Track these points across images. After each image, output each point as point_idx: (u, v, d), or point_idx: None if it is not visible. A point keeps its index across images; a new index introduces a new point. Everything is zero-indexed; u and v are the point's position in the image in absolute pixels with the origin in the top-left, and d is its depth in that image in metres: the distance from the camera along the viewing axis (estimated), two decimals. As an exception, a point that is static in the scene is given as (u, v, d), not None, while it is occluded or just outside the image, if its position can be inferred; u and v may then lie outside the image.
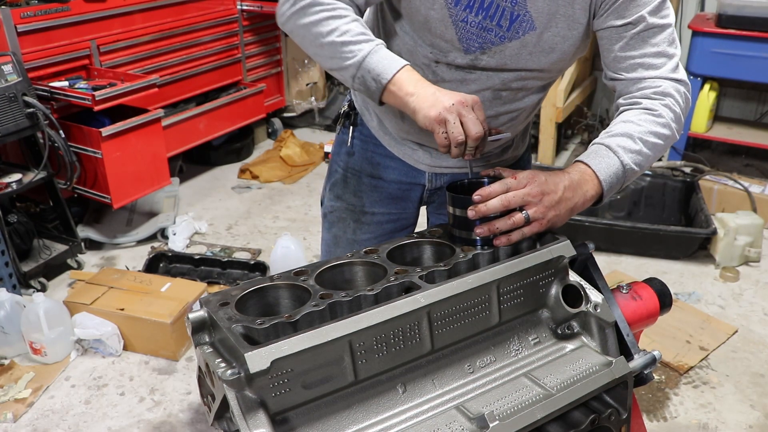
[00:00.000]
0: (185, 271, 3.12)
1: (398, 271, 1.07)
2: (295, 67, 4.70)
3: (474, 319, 1.07)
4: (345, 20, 1.20)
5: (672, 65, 1.27)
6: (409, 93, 1.16)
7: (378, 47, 1.19)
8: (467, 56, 1.29)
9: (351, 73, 1.20)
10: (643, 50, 1.25)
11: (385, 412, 0.98)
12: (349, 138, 1.59)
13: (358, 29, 1.20)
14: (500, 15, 1.23)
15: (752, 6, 3.50)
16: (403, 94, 1.17)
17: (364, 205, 1.60)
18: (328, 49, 1.21)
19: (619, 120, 1.27)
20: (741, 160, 4.24)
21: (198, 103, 4.01)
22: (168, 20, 3.68)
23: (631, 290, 1.23)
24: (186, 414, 2.30)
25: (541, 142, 4.02)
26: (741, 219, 3.14)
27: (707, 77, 3.83)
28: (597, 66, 4.48)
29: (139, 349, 2.59)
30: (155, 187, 3.36)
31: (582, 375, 1.07)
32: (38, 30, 3.01)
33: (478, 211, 1.12)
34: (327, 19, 1.20)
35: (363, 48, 1.18)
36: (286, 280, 1.08)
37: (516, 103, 1.39)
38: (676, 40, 1.28)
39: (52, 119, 2.88)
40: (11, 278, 2.77)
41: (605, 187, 1.21)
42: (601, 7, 1.24)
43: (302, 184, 4.15)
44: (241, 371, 0.87)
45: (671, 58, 1.27)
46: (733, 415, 2.25)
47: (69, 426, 2.24)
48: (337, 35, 1.19)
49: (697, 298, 2.92)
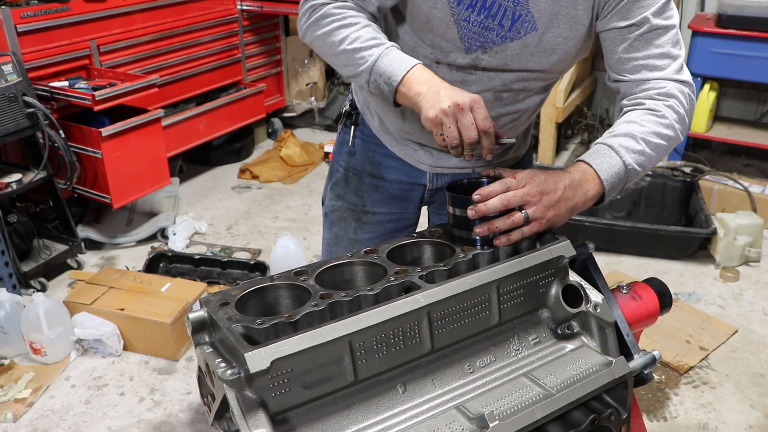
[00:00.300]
0: (185, 271, 3.12)
1: (398, 271, 1.07)
2: (295, 67, 4.70)
3: (474, 319, 1.07)
4: (355, 28, 1.23)
5: (676, 66, 1.26)
6: (418, 93, 1.17)
7: (388, 50, 1.20)
8: (468, 56, 1.29)
9: (365, 78, 1.22)
10: (647, 51, 1.24)
11: (385, 412, 0.98)
12: (350, 138, 1.59)
13: (368, 35, 1.22)
14: (502, 15, 1.23)
15: (752, 6, 3.50)
16: (413, 95, 1.18)
17: (365, 205, 1.60)
18: (342, 57, 1.24)
19: (622, 120, 1.27)
20: (741, 160, 4.24)
21: (198, 103, 4.01)
22: (168, 20, 3.68)
23: (631, 290, 1.23)
24: (186, 414, 2.30)
25: (541, 142, 4.02)
26: (741, 219, 3.14)
27: (707, 77, 3.83)
28: (597, 66, 4.48)
29: (139, 349, 2.59)
30: (155, 187, 3.36)
31: (582, 375, 1.07)
32: (38, 30, 3.01)
33: (478, 211, 1.12)
34: (338, 28, 1.23)
35: (373, 53, 1.20)
36: (286, 280, 1.08)
37: (517, 104, 1.39)
38: (681, 41, 1.27)
39: (52, 119, 2.88)
40: (11, 278, 2.77)
41: (607, 187, 1.21)
42: (604, 8, 1.23)
43: (302, 184, 4.15)
44: (241, 371, 0.87)
45: (675, 59, 1.26)
46: (733, 415, 2.25)
47: (69, 426, 2.24)
48: (348, 43, 1.22)
49: (697, 298, 2.92)
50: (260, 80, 4.43)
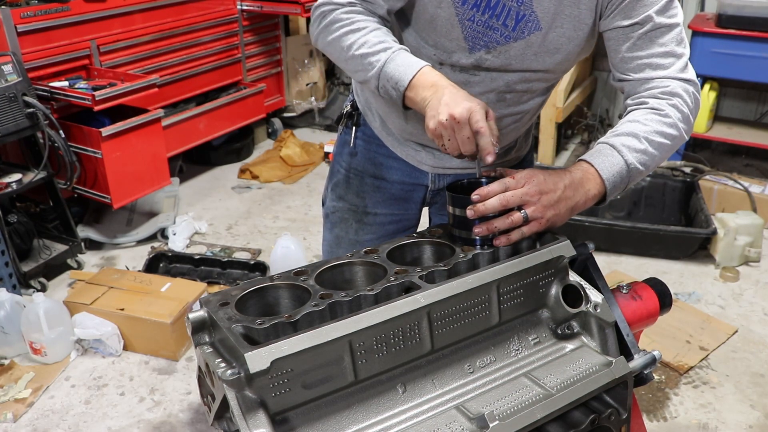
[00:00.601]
0: (185, 271, 3.12)
1: (398, 271, 1.07)
2: (295, 67, 4.70)
3: (474, 319, 1.07)
4: (363, 32, 1.22)
5: (680, 65, 1.25)
6: (424, 98, 1.17)
7: (395, 54, 1.20)
8: (472, 56, 1.29)
9: (374, 84, 1.22)
10: (651, 50, 1.24)
11: (385, 412, 0.98)
12: (351, 138, 1.59)
13: (376, 39, 1.21)
14: (506, 14, 1.23)
15: (752, 6, 3.50)
16: (419, 100, 1.17)
17: (366, 206, 1.60)
18: (352, 63, 1.24)
19: (626, 120, 1.26)
20: (741, 160, 4.24)
21: (198, 103, 4.01)
22: (168, 20, 3.68)
23: (631, 290, 1.23)
24: (186, 414, 2.30)
25: (541, 142, 4.02)
26: (741, 219, 3.14)
27: (707, 77, 3.83)
28: (597, 66, 4.48)
29: (139, 349, 2.59)
30: (155, 187, 3.36)
31: (582, 375, 1.07)
32: (38, 30, 3.01)
33: (477, 211, 1.12)
34: (346, 34, 1.23)
35: (380, 58, 1.20)
36: (286, 280, 1.08)
37: (520, 105, 1.39)
38: (685, 40, 1.26)
39: (52, 119, 2.88)
40: (11, 278, 2.77)
41: (608, 186, 1.20)
42: (608, 7, 1.23)
43: (302, 184, 4.15)
44: (241, 371, 0.87)
45: (680, 58, 1.25)
46: (733, 415, 2.25)
47: (69, 426, 2.24)
48: (356, 49, 1.22)
49: (697, 298, 2.92)
50: (260, 80, 4.43)
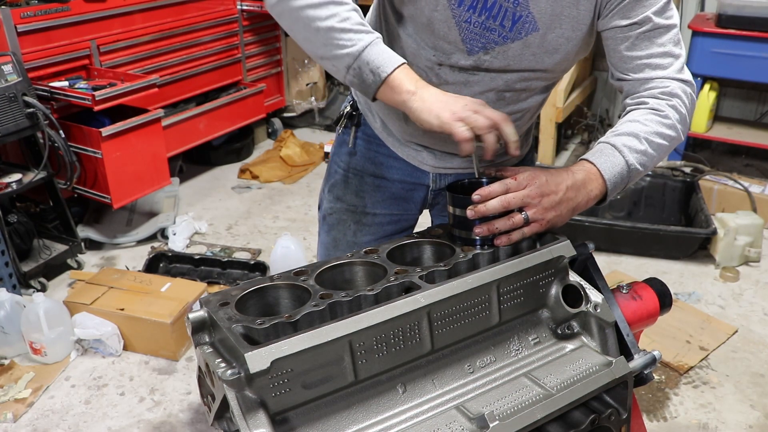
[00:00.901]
0: (185, 271, 3.12)
1: (398, 271, 1.07)
2: (295, 67, 4.70)
3: (474, 319, 1.07)
4: (346, 7, 1.17)
5: (678, 66, 1.27)
6: (409, 91, 1.15)
7: (378, 40, 1.17)
8: (470, 57, 1.29)
9: (346, 62, 1.16)
10: (650, 50, 1.25)
11: (385, 412, 0.98)
12: (350, 138, 1.58)
13: (357, 19, 1.18)
14: (503, 15, 1.23)
15: (752, 6, 3.50)
16: (403, 91, 1.15)
17: (365, 206, 1.59)
18: (324, 34, 1.16)
19: (626, 119, 1.27)
20: (741, 160, 4.24)
21: (198, 103, 4.01)
22: (168, 20, 3.68)
23: (631, 290, 1.23)
24: (186, 414, 2.30)
25: (541, 142, 4.02)
26: (741, 219, 3.14)
27: (707, 77, 3.83)
28: (597, 66, 4.48)
29: (139, 349, 2.59)
30: (155, 187, 3.36)
31: (582, 375, 1.07)
32: (38, 30, 3.01)
33: (477, 211, 1.11)
34: (327, 3, 1.16)
35: (363, 38, 1.15)
36: (286, 280, 1.08)
37: (519, 104, 1.39)
38: (681, 41, 1.28)
39: (52, 119, 2.88)
40: (11, 278, 2.77)
41: (609, 186, 1.21)
42: (606, 7, 1.23)
43: (302, 184, 4.15)
44: (241, 371, 0.87)
45: (677, 59, 1.27)
46: (733, 415, 2.25)
47: (69, 426, 2.24)
48: (337, 21, 1.15)
49: (697, 298, 2.92)
50: (260, 80, 4.43)
